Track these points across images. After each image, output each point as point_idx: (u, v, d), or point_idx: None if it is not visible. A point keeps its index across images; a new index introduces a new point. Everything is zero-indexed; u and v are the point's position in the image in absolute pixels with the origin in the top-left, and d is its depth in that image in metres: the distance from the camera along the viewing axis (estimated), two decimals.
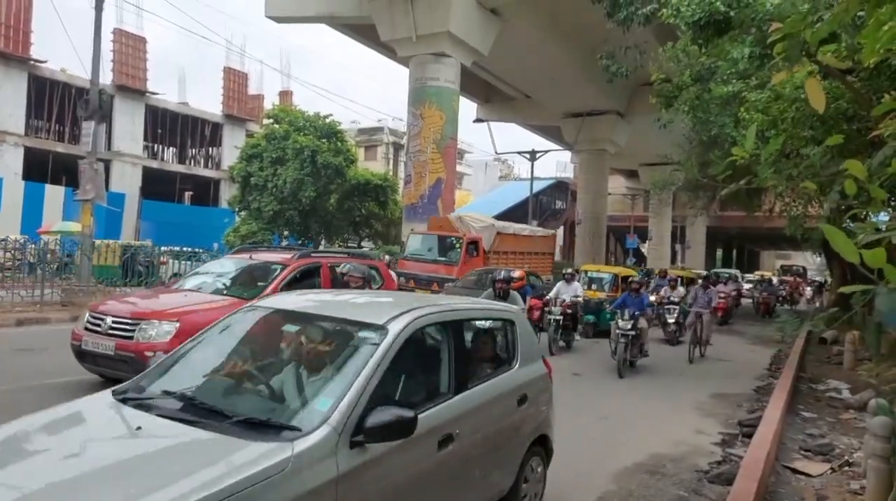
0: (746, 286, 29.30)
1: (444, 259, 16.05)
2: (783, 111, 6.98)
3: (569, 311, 11.06)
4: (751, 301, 25.68)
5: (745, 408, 7.82)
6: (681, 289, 13.66)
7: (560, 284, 11.79)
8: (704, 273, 21.95)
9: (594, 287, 14.85)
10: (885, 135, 3.21)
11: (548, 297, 11.42)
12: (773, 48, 3.42)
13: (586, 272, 16.09)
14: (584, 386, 8.39)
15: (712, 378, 9.93)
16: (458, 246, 16.02)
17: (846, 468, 5.38)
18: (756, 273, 41.43)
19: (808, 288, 32.42)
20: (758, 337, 16.18)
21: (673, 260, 44.44)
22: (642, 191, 41.71)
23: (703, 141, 13.99)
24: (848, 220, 7.21)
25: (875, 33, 2.17)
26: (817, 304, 26.69)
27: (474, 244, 16.42)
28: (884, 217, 5.54)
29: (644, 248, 45.92)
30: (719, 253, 59.60)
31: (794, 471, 5.30)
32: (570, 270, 12.66)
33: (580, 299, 11.53)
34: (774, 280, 34.37)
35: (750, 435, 5.89)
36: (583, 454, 5.57)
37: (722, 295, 17.94)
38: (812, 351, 12.70)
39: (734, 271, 35.64)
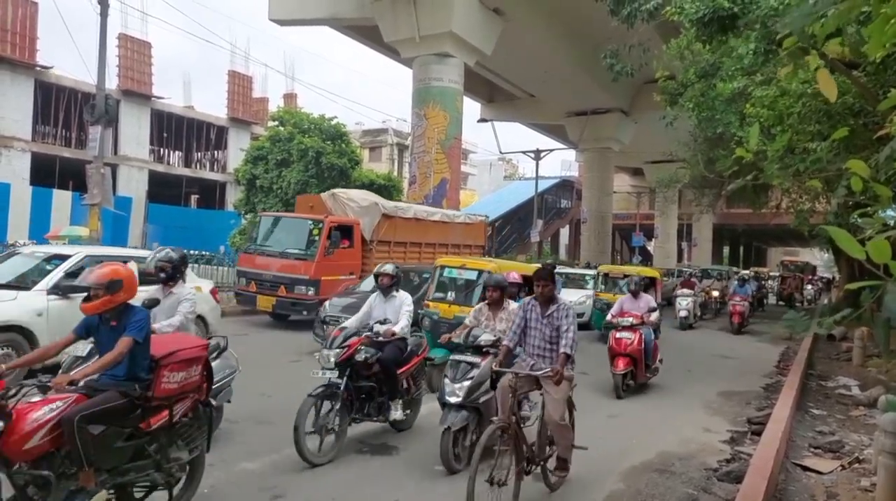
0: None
1: (295, 251, 11.91)
2: (789, 107, 6.95)
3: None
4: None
5: (754, 406, 7.79)
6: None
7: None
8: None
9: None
10: (893, 130, 3.19)
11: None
12: (778, 44, 3.41)
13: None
14: (593, 385, 8.37)
15: (720, 375, 9.89)
16: (315, 233, 11.96)
17: (856, 465, 5.35)
18: (752, 269, 37.28)
19: (810, 287, 29.10)
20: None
21: (679, 258, 44.31)
22: (647, 189, 41.58)
23: (708, 138, 13.94)
24: (855, 216, 7.18)
25: (881, 27, 2.15)
26: (825, 301, 26.39)
27: (344, 230, 12.46)
28: (892, 212, 5.50)
29: (650, 246, 45.79)
30: (726, 250, 59.33)
31: (805, 469, 5.27)
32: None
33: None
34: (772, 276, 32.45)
35: (759, 433, 5.87)
36: (591, 452, 5.55)
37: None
38: (821, 348, 12.64)
39: (726, 267, 31.46)
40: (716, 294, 20.21)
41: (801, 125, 6.91)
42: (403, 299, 5.87)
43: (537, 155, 29.56)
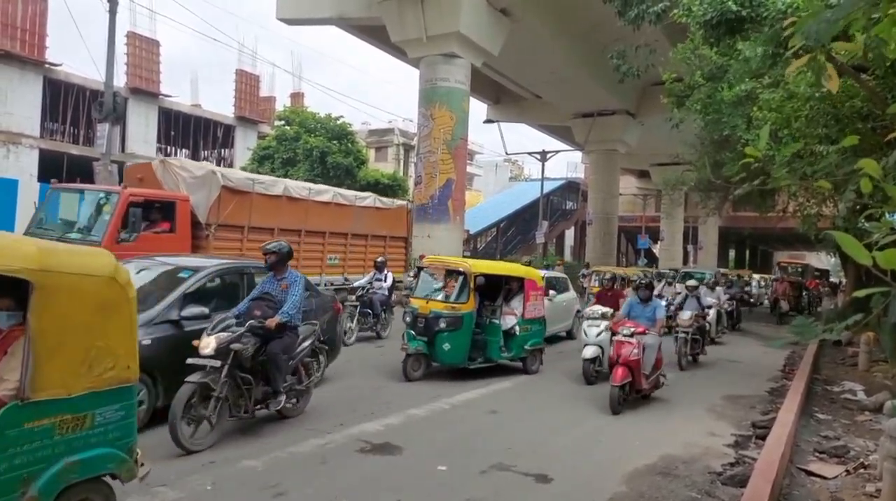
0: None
1: (75, 235, 8.94)
2: (797, 110, 6.92)
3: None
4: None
5: (759, 410, 7.75)
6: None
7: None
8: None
9: None
10: None
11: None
12: (786, 46, 3.40)
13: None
14: (594, 388, 8.35)
15: (724, 379, 9.85)
16: (107, 210, 9.05)
17: (861, 470, 5.32)
18: (733, 272, 31.94)
19: (805, 294, 24.84)
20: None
21: (685, 261, 44.15)
22: (654, 192, 41.47)
23: (714, 140, 13.89)
24: (863, 220, 7.14)
25: (890, 29, 2.14)
26: (831, 306, 26.04)
27: (161, 208, 9.73)
28: None
29: (655, 249, 45.67)
30: (732, 253, 59.09)
31: (809, 473, 5.24)
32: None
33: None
34: (754, 281, 28.46)
35: (763, 437, 5.84)
36: (593, 455, 5.55)
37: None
38: (827, 353, 12.57)
39: (708, 272, 26.03)
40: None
41: (809, 128, 6.87)
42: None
43: (543, 156, 29.54)
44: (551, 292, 12.01)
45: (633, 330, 7.30)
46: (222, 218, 10.48)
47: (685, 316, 10.51)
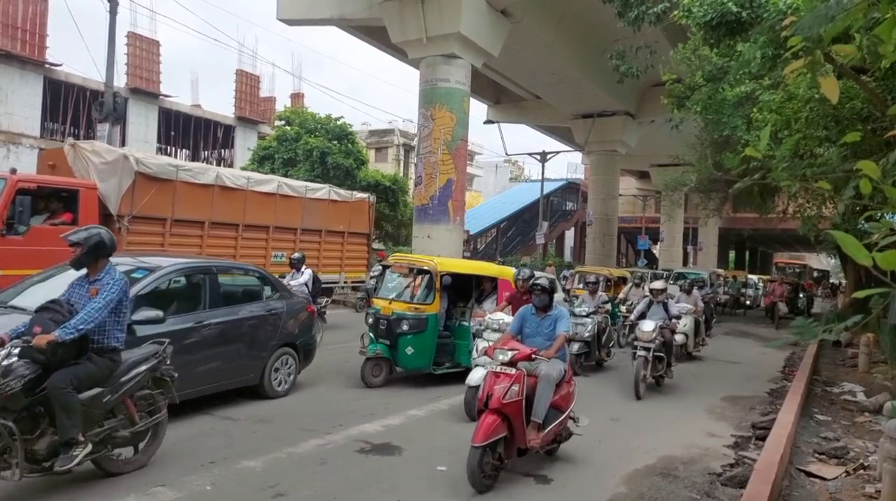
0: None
1: None
2: (797, 111, 6.92)
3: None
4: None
5: (758, 411, 7.75)
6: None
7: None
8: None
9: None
10: None
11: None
12: (786, 45, 3.40)
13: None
14: (594, 388, 8.35)
15: (724, 380, 9.85)
16: None
17: (861, 471, 5.32)
18: (729, 273, 30.74)
19: (802, 295, 23.67)
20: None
21: (685, 262, 44.11)
22: (654, 193, 41.45)
23: (714, 141, 13.89)
24: (863, 221, 7.14)
25: (890, 30, 2.14)
26: (830, 307, 25.92)
27: (55, 196, 8.74)
28: None
29: (656, 250, 45.66)
30: (732, 254, 59.10)
31: (809, 474, 5.24)
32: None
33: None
34: (752, 282, 27.36)
35: (763, 438, 5.84)
36: (593, 456, 5.54)
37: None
38: (826, 354, 12.57)
39: (703, 272, 24.21)
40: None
41: (809, 130, 6.87)
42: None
43: (543, 157, 29.53)
44: None
45: (511, 354, 4.70)
46: (138, 209, 9.33)
47: (646, 327, 8.32)
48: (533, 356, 4.77)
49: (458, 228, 19.08)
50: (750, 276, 31.39)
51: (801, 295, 23.55)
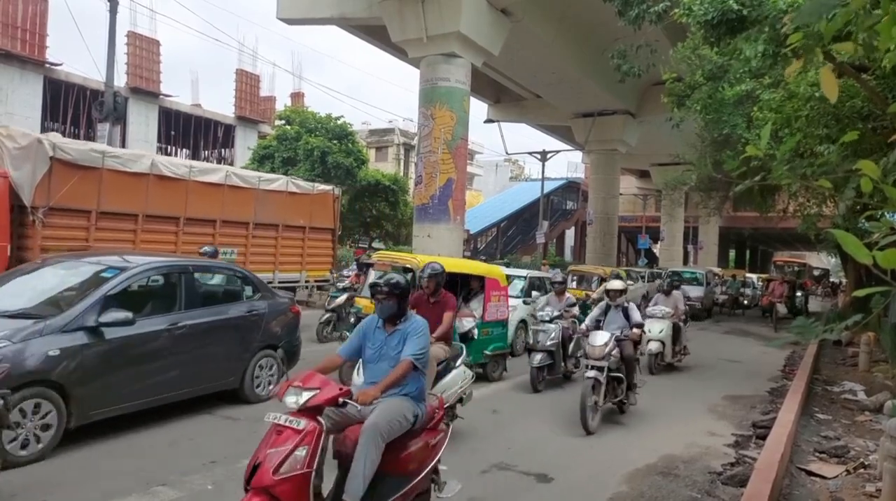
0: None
1: None
2: (797, 110, 6.91)
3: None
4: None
5: (759, 410, 7.75)
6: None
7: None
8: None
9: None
10: None
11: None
12: (787, 43, 3.39)
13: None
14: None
15: (725, 379, 9.85)
16: None
17: (861, 470, 5.32)
18: (728, 272, 29.98)
19: (800, 294, 22.85)
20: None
21: (685, 261, 44.13)
22: (654, 192, 41.45)
23: (715, 140, 13.89)
24: (863, 220, 7.13)
25: (890, 28, 2.14)
26: (829, 307, 25.80)
27: None
28: None
29: (656, 249, 45.66)
30: (732, 253, 59.11)
31: (809, 473, 5.25)
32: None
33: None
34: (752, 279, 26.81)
35: (764, 437, 5.84)
36: (594, 455, 5.55)
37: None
38: (827, 353, 12.57)
39: (700, 271, 23.39)
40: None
41: (809, 128, 6.87)
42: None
43: (543, 156, 29.52)
44: (534, 293, 11.70)
45: (307, 396, 3.05)
46: (55, 199, 8.39)
47: (597, 340, 6.58)
48: (341, 400, 3.12)
49: (459, 227, 19.08)
50: (749, 275, 31.05)
51: (798, 294, 22.89)
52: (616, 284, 7.38)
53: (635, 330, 6.96)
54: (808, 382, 8.66)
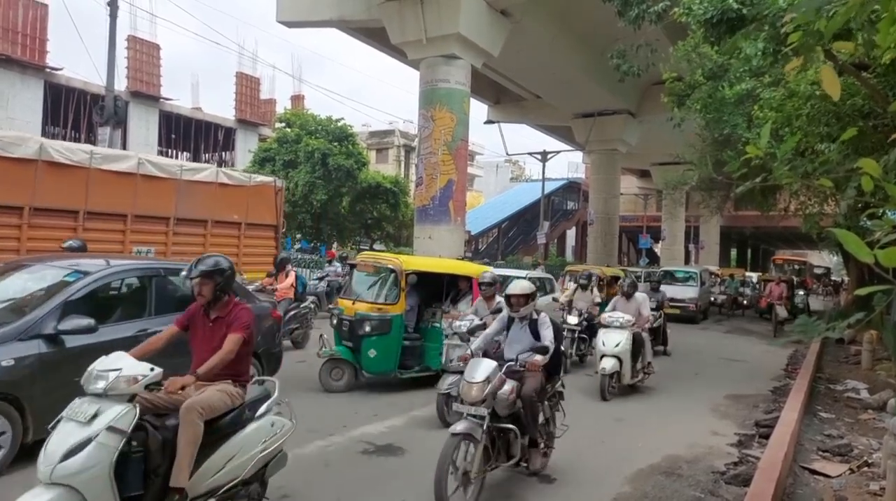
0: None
1: None
2: (798, 108, 6.91)
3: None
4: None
5: (762, 409, 7.74)
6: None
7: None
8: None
9: None
10: None
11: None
12: (787, 42, 3.39)
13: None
14: (598, 388, 8.34)
15: (728, 379, 9.84)
16: None
17: (865, 468, 5.31)
18: (727, 271, 29.47)
19: (802, 292, 22.21)
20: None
21: (687, 261, 44.11)
22: (655, 191, 41.44)
23: (715, 139, 13.88)
24: (864, 218, 7.13)
25: (889, 26, 2.14)
26: (831, 305, 25.62)
27: None
28: None
29: (657, 249, 45.65)
30: (733, 252, 59.08)
31: (813, 472, 5.24)
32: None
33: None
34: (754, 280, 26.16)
35: (767, 436, 5.83)
36: (597, 456, 5.54)
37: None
38: (829, 351, 12.55)
39: (694, 269, 22.56)
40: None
41: (810, 127, 6.87)
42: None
43: (544, 156, 29.55)
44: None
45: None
46: None
47: (475, 376, 4.27)
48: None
49: (460, 229, 19.09)
50: (749, 274, 30.22)
51: (801, 293, 22.00)
52: (521, 286, 4.95)
53: (536, 357, 4.60)
54: (811, 381, 8.65)
